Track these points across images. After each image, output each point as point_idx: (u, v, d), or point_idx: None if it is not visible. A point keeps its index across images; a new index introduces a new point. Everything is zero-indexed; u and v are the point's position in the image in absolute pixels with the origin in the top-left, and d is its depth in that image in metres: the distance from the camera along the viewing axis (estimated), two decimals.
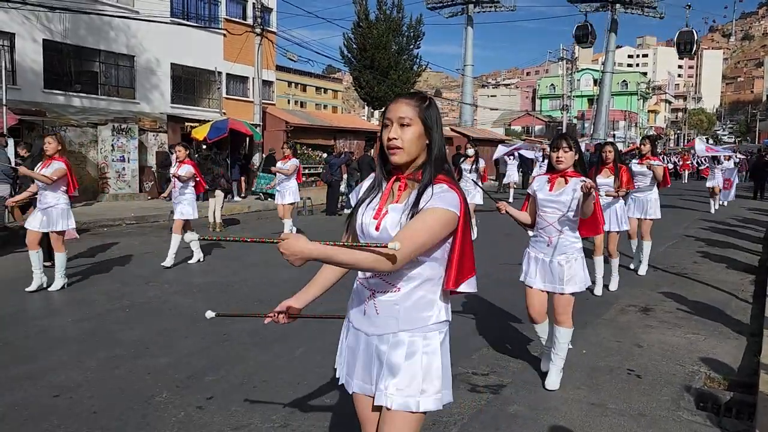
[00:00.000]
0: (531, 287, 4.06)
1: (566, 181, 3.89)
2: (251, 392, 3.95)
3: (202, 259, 8.63)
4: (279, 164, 10.32)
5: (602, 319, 5.74)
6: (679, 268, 8.34)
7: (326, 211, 15.45)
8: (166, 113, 20.35)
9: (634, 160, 7.73)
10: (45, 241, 6.96)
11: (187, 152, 8.55)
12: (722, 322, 5.65)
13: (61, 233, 6.76)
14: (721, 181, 16.61)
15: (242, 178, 19.54)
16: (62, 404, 3.75)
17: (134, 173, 17.62)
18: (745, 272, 8.15)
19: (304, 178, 15.82)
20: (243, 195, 19.06)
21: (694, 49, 47.61)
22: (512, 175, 20.56)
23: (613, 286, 6.92)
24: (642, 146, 7.72)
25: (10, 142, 12.15)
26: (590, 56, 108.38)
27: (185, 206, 8.33)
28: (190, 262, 8.50)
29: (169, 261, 8.09)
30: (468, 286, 1.99)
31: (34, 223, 6.63)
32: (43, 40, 18.22)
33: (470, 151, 10.72)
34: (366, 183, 2.12)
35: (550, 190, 3.94)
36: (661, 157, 27.44)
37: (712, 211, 15.74)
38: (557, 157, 3.90)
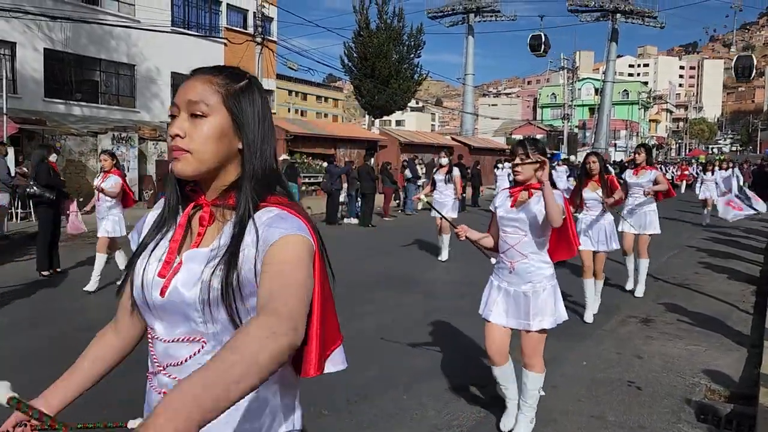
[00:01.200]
0: (490, 321, 3.40)
1: (530, 195, 3.27)
2: None
3: None
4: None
5: (602, 330, 5.70)
6: (680, 278, 8.31)
7: (326, 221, 15.43)
8: (167, 122, 20.27)
9: (628, 171, 7.11)
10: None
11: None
12: (723, 334, 5.62)
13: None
14: (714, 193, 15.50)
15: None
16: (62, 415, 3.71)
17: (134, 182, 17.62)
18: (746, 283, 8.11)
19: (304, 187, 15.85)
20: None
21: (753, 74, 47.34)
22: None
23: (588, 316, 5.95)
24: (636, 155, 7.01)
25: (10, 150, 12.15)
26: (591, 65, 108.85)
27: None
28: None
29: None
30: (333, 364, 1.33)
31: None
32: (44, 49, 18.29)
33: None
34: (151, 215, 1.42)
35: (512, 205, 3.31)
36: (659, 167, 27.27)
37: (704, 223, 15.01)
38: (514, 168, 3.27)
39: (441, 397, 4.02)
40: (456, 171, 9.70)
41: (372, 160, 17.32)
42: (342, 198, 16.12)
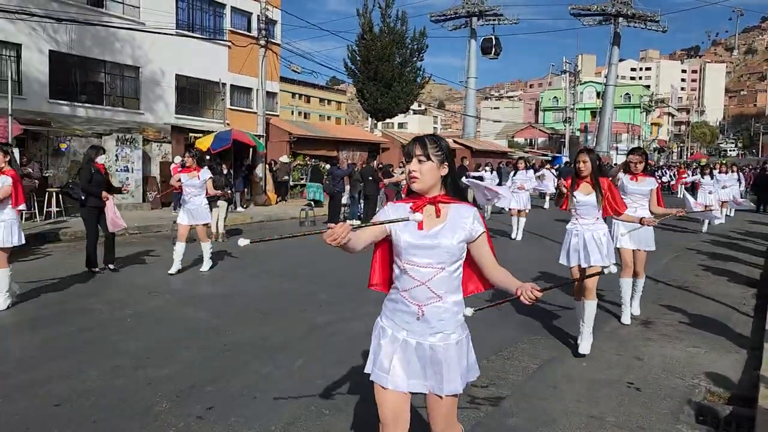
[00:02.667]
0: (385, 388, 2.46)
1: (438, 213, 2.40)
2: (251, 403, 3.97)
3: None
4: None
5: (603, 331, 5.73)
6: (680, 281, 8.34)
7: (328, 222, 15.48)
8: (171, 124, 20.46)
9: (625, 176, 6.16)
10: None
11: (7, 159, 6.41)
12: (723, 336, 5.65)
13: (206, 225, 8.74)
14: (710, 198, 14.92)
15: (245, 189, 19.61)
16: (63, 414, 3.77)
17: (138, 183, 17.69)
18: (746, 285, 8.14)
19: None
20: (245, 206, 19.12)
21: None
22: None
23: (584, 348, 5.02)
24: (633, 164, 6.03)
25: (16, 151, 12.21)
26: (593, 69, 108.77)
27: (2, 230, 6.31)
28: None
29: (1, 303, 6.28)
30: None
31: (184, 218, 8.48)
32: (49, 50, 18.36)
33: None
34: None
35: (420, 227, 2.37)
36: (657, 176, 26.77)
37: (704, 229, 14.34)
38: (410, 172, 2.40)
39: None
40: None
41: (374, 162, 17.36)
42: (344, 200, 16.17)
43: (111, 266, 8.57)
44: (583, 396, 4.13)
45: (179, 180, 8.69)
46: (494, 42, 50.83)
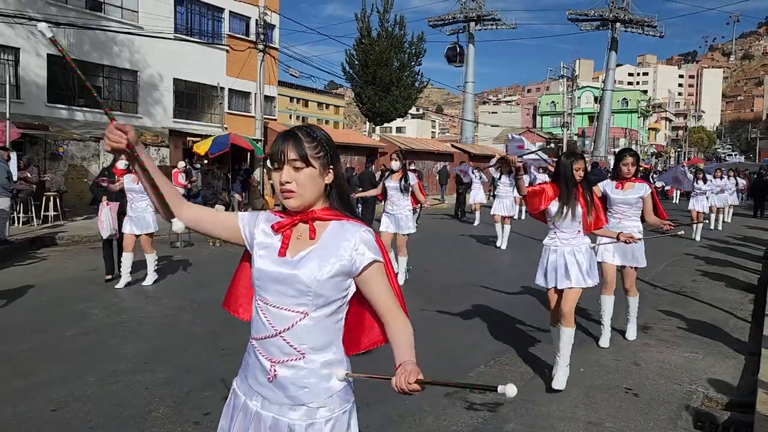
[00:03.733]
0: None
1: (313, 234, 1.73)
2: None
3: None
4: (126, 180, 7.81)
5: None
6: (678, 286, 8.34)
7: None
8: (169, 128, 20.47)
9: (609, 183, 5.44)
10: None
11: None
12: (721, 341, 5.65)
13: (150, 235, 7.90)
14: (704, 204, 14.31)
15: (243, 193, 19.58)
16: (60, 418, 3.75)
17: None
18: (744, 291, 8.15)
19: None
20: (243, 210, 19.09)
21: None
22: (477, 195, 16.77)
23: (559, 382, 4.28)
24: (623, 166, 5.27)
25: (13, 156, 12.20)
26: (591, 74, 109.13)
27: None
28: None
29: None
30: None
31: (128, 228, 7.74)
32: (47, 54, 18.37)
33: (394, 164, 8.02)
34: None
35: (282, 253, 1.72)
36: (651, 179, 25.99)
37: (697, 237, 13.50)
38: (282, 186, 1.70)
39: (438, 403, 4.06)
40: (412, 177, 8.07)
41: (373, 166, 17.38)
42: None
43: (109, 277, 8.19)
44: (581, 402, 4.13)
45: (119, 183, 7.81)
46: (458, 50, 51.21)
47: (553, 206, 4.36)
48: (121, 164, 7.79)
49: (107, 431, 3.60)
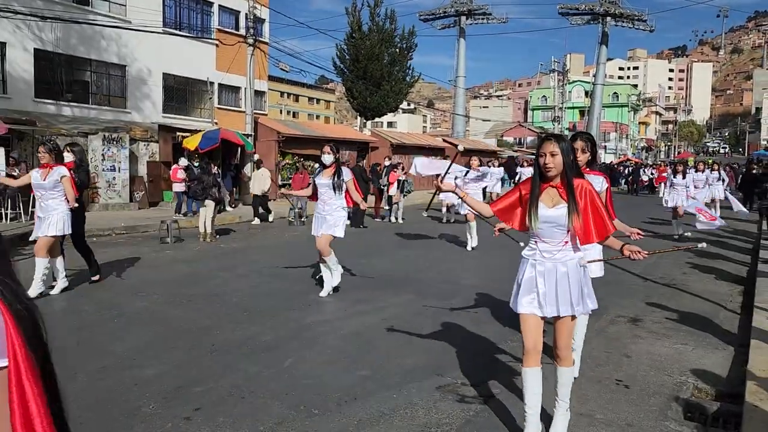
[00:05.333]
0: None
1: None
2: (239, 403, 3.93)
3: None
4: (33, 176, 6.99)
5: (592, 329, 5.73)
6: (668, 278, 8.38)
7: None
8: (158, 123, 20.33)
9: None
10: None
11: None
12: (710, 333, 5.68)
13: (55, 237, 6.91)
14: (684, 199, 12.96)
15: (233, 189, 19.51)
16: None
17: (125, 183, 17.56)
18: (733, 283, 8.20)
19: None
20: (234, 205, 19.01)
21: None
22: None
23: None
24: (578, 151, 4.12)
25: (0, 151, 12.08)
26: (582, 68, 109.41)
27: None
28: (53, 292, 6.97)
29: None
30: None
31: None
32: (34, 49, 18.17)
33: (326, 158, 7.07)
34: None
35: None
36: (614, 172, 24.86)
37: (676, 234, 12.79)
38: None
39: (430, 397, 4.05)
40: (347, 173, 7.11)
41: (363, 161, 17.37)
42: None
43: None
44: (572, 393, 4.12)
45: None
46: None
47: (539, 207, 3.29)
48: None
49: (97, 427, 3.57)
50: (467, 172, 10.75)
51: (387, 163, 17.77)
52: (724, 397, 4.14)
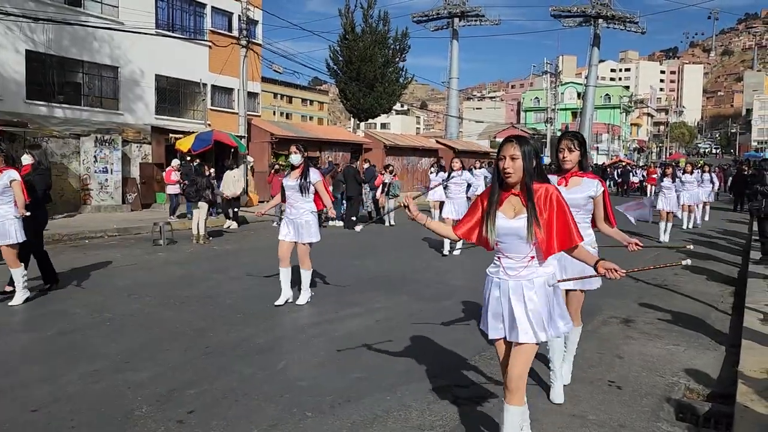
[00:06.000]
0: None
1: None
2: (233, 406, 3.93)
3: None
4: None
5: (584, 330, 5.75)
6: (660, 279, 8.43)
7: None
8: (151, 124, 20.27)
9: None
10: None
11: None
12: (702, 334, 5.72)
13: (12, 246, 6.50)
14: (674, 203, 12.97)
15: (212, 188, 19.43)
16: (40, 419, 3.70)
17: (117, 185, 17.49)
18: (725, 284, 8.26)
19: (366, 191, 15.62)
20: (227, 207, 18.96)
21: None
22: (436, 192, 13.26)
23: (556, 394, 4.00)
24: (564, 151, 3.91)
25: None
26: (574, 70, 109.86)
27: None
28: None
29: None
30: None
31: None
32: (26, 50, 18.09)
33: (294, 159, 6.65)
34: None
35: None
36: (605, 174, 24.41)
37: (661, 238, 12.47)
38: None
39: (424, 398, 4.06)
40: (314, 174, 6.68)
41: (357, 162, 17.36)
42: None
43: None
44: (565, 395, 4.15)
45: None
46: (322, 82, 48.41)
47: (498, 218, 2.96)
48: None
49: (89, 431, 3.56)
50: (450, 175, 10.70)
51: (366, 165, 17.50)
52: (716, 397, 4.17)
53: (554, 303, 2.97)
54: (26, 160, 7.16)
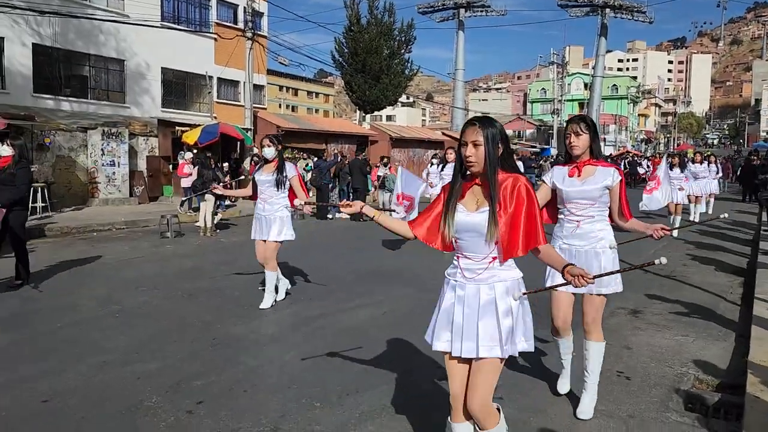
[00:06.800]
0: None
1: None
2: (241, 396, 3.94)
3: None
4: None
5: None
6: (668, 270, 8.39)
7: (316, 215, 15.42)
8: (157, 117, 20.29)
9: (557, 171, 3.66)
10: None
11: None
12: (711, 324, 5.69)
13: None
14: (678, 195, 12.18)
15: (233, 183, 19.48)
16: (49, 410, 3.73)
17: (124, 178, 17.55)
18: (733, 274, 8.21)
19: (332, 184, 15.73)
20: (234, 199, 19.01)
21: None
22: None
23: (586, 410, 3.66)
24: (571, 136, 3.50)
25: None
26: (581, 60, 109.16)
27: None
28: None
29: None
30: None
31: None
32: (33, 44, 18.12)
33: (267, 152, 6.24)
34: None
35: None
36: (621, 162, 24.06)
37: (674, 234, 11.39)
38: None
39: (433, 388, 4.05)
40: (290, 168, 6.30)
41: (362, 154, 17.33)
42: (333, 198, 16.13)
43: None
44: (573, 386, 4.13)
45: None
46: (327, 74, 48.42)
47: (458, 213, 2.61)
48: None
49: (99, 421, 3.58)
50: (443, 166, 10.40)
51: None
52: (725, 388, 4.15)
53: (519, 315, 2.54)
54: (6, 151, 6.85)
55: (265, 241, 6.17)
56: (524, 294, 2.58)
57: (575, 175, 3.53)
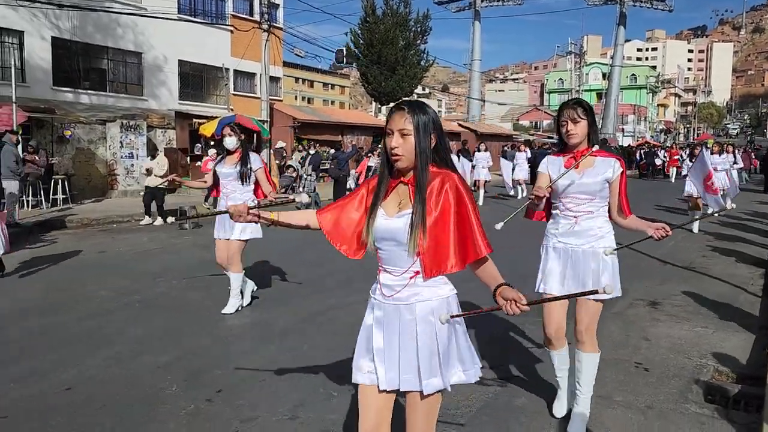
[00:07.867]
0: None
1: None
2: (259, 386, 3.98)
3: None
4: None
5: (610, 312, 5.71)
6: (687, 262, 8.30)
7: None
8: (174, 110, 20.44)
9: (550, 159, 3.32)
10: None
11: None
12: (731, 316, 5.62)
13: None
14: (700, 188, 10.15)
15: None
16: (70, 399, 3.79)
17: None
18: (754, 266, 8.09)
19: (311, 176, 15.82)
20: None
21: None
22: (521, 171, 17.43)
23: (558, 408, 3.54)
24: (568, 123, 3.12)
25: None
26: (599, 50, 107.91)
27: None
28: None
29: None
30: None
31: None
32: (52, 37, 18.32)
33: (229, 142, 5.82)
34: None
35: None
36: (631, 157, 23.37)
37: (695, 230, 10.92)
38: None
39: None
40: (256, 159, 5.84)
41: (380, 145, 17.31)
42: (351, 184, 16.14)
43: None
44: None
45: None
46: (345, 53, 49.04)
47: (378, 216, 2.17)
48: (212, 152, 6.66)
49: (119, 409, 3.63)
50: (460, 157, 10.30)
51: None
52: (745, 379, 4.10)
53: (449, 338, 2.10)
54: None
55: (228, 240, 5.68)
56: (452, 317, 2.08)
57: (572, 166, 3.14)
